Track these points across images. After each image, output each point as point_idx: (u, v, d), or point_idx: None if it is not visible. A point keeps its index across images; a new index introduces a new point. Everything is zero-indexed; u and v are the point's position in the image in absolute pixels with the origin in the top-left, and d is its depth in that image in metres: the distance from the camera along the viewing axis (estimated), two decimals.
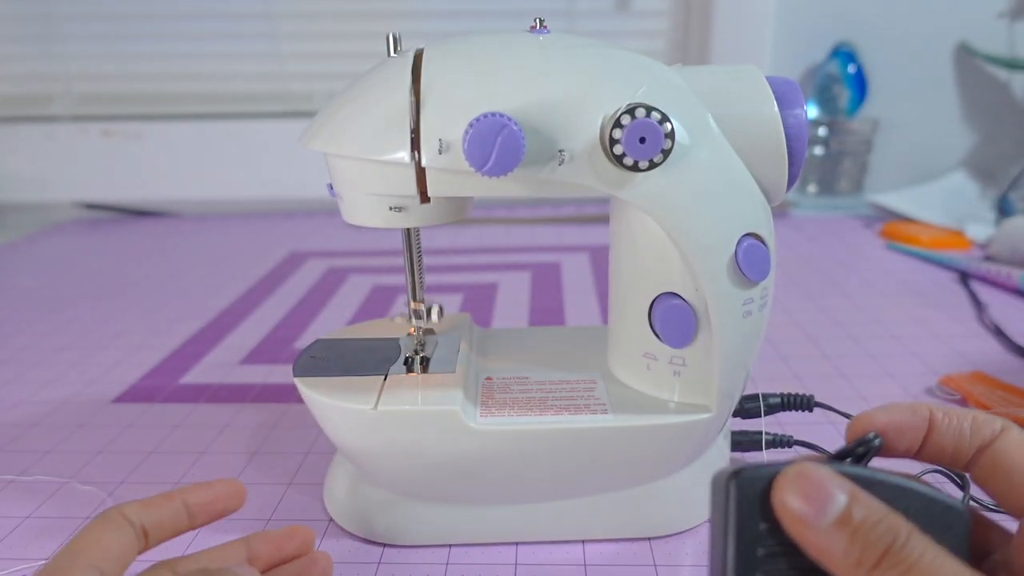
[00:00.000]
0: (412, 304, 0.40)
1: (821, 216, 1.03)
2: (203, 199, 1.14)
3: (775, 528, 0.21)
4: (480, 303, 0.72)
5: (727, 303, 0.33)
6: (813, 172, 1.08)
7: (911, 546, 0.19)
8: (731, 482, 0.22)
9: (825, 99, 1.06)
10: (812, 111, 1.07)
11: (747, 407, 0.42)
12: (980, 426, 0.24)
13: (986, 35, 1.04)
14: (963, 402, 0.50)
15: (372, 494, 0.38)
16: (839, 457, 0.23)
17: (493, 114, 0.29)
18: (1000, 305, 0.68)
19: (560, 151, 0.31)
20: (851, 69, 1.03)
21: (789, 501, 0.21)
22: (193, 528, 0.31)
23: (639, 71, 0.32)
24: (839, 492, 0.20)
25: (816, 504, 0.20)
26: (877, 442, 0.23)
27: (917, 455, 0.25)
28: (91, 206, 1.14)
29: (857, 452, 0.23)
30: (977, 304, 0.68)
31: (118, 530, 0.28)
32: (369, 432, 0.35)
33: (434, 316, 0.40)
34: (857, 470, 0.22)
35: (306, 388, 0.37)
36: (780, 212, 1.04)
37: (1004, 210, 0.94)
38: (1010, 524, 0.24)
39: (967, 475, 0.38)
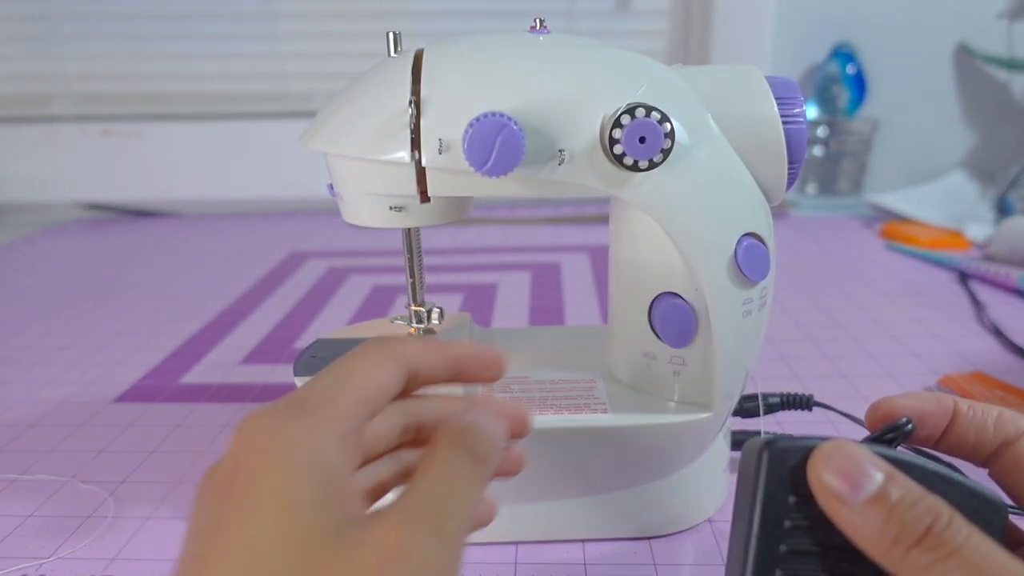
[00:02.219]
0: (412, 307, 0.40)
1: (821, 216, 1.03)
2: (203, 199, 1.14)
3: (804, 502, 0.21)
4: (480, 303, 0.72)
5: (727, 303, 0.33)
6: (813, 172, 1.08)
7: (954, 529, 0.19)
8: (764, 451, 0.22)
9: (825, 99, 1.06)
10: (812, 111, 1.07)
11: (747, 407, 0.42)
12: (1005, 422, 0.24)
13: (985, 35, 1.04)
14: None
15: None
16: (869, 442, 0.23)
17: (493, 114, 0.29)
18: (999, 305, 0.68)
19: (560, 151, 0.31)
20: (851, 69, 1.03)
21: (824, 476, 0.21)
22: (454, 382, 0.26)
23: (639, 71, 0.32)
24: (875, 470, 0.20)
25: (852, 481, 0.20)
26: (909, 427, 0.23)
27: (937, 444, 0.24)
28: (91, 206, 1.14)
29: (886, 438, 0.23)
30: (976, 304, 0.68)
31: (388, 367, 0.24)
32: None
33: (434, 319, 0.41)
34: (894, 453, 0.22)
35: None
36: (780, 212, 1.04)
37: (1003, 210, 0.94)
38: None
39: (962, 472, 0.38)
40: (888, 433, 0.23)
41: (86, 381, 0.58)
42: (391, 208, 0.34)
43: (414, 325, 0.41)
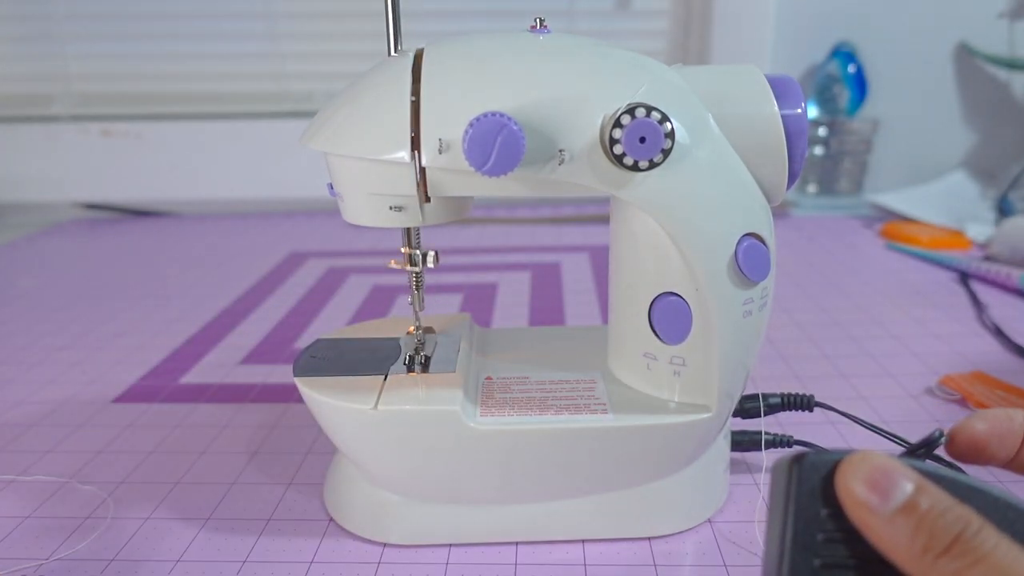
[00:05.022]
0: (407, 249, 0.38)
1: (821, 216, 1.03)
2: (203, 199, 1.14)
3: (836, 514, 0.21)
4: (480, 303, 0.72)
5: (727, 303, 0.33)
6: (813, 172, 1.08)
7: (983, 536, 0.19)
8: (793, 466, 0.22)
9: (825, 99, 1.06)
10: (812, 111, 1.07)
11: (747, 407, 0.42)
12: None
13: (986, 35, 1.04)
14: (963, 402, 0.50)
15: (372, 494, 0.38)
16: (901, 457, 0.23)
17: (493, 114, 0.29)
18: (1000, 305, 0.68)
19: (560, 151, 0.31)
20: (851, 69, 1.03)
21: (853, 487, 0.21)
22: None
23: (639, 71, 0.32)
24: (904, 480, 0.20)
25: (881, 491, 0.20)
26: (942, 440, 0.23)
27: (1010, 464, 0.24)
28: (91, 206, 1.14)
29: (919, 453, 0.23)
30: (977, 304, 0.68)
31: None
32: (369, 432, 0.35)
33: (429, 261, 0.39)
34: (923, 465, 0.22)
35: (306, 388, 0.37)
36: (780, 212, 1.04)
37: (1004, 210, 0.94)
38: None
39: None
40: (921, 448, 0.23)
41: (85, 381, 0.57)
42: (391, 208, 0.34)
43: (410, 269, 0.39)
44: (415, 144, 0.31)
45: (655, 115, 0.29)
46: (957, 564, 0.19)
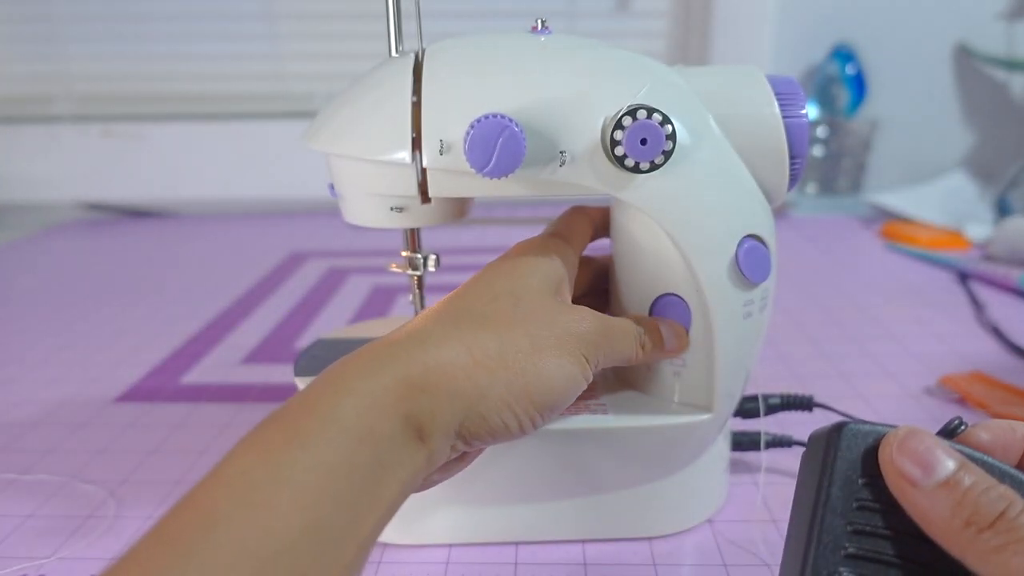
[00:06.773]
0: (407, 253, 0.38)
1: (820, 216, 1.03)
2: (203, 199, 1.14)
3: (872, 485, 0.22)
4: None
5: (728, 304, 0.33)
6: (812, 172, 1.08)
7: None
8: (836, 433, 0.23)
9: (824, 100, 1.06)
10: (812, 111, 1.07)
11: (747, 407, 0.42)
12: None
13: (985, 35, 1.04)
14: (963, 402, 0.50)
15: None
16: None
17: (494, 115, 0.29)
18: (999, 305, 0.68)
19: (561, 152, 0.31)
20: (850, 70, 1.03)
21: (897, 459, 0.21)
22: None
23: (640, 72, 0.32)
24: (948, 458, 0.21)
25: (924, 465, 0.21)
26: (962, 429, 0.24)
27: None
28: (92, 206, 1.14)
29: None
30: (976, 304, 0.68)
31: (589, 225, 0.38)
32: None
33: (431, 265, 0.38)
34: (967, 449, 0.22)
35: None
36: (779, 213, 1.04)
37: (1003, 210, 0.94)
38: None
39: None
40: (942, 436, 0.24)
41: (87, 381, 0.58)
42: (392, 208, 0.34)
43: (411, 273, 0.39)
44: (416, 145, 0.31)
45: (656, 117, 0.29)
46: (1001, 540, 0.19)
